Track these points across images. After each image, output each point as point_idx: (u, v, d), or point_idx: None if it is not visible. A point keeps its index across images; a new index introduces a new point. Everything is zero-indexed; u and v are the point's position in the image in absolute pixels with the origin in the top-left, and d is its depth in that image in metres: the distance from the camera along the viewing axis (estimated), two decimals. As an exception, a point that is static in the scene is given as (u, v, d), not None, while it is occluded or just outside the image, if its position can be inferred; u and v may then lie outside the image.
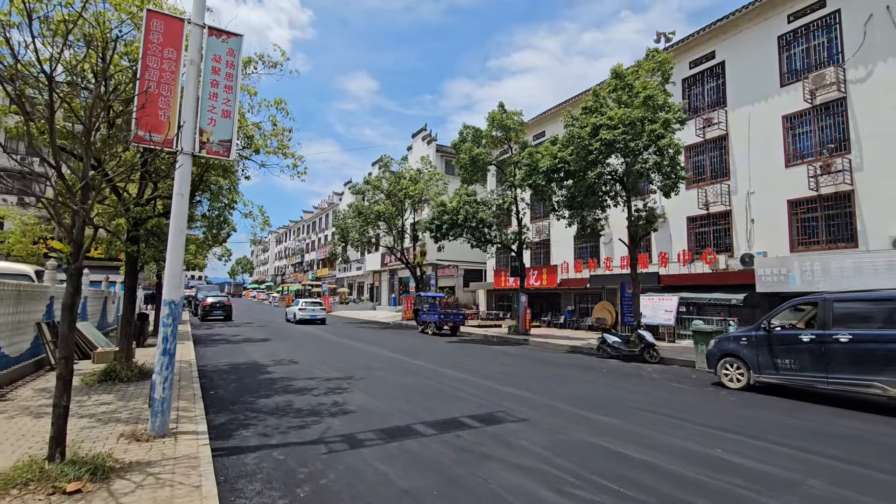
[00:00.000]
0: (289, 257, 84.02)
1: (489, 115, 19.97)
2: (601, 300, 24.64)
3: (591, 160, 13.47)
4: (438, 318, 20.80)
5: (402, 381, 9.39)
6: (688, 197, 19.51)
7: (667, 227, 21.06)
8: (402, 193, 26.35)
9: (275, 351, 14.30)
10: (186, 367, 10.10)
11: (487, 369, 11.20)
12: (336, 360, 12.55)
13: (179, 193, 5.29)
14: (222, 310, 28.50)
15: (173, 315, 5.24)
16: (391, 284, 46.17)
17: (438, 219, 18.09)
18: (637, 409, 7.30)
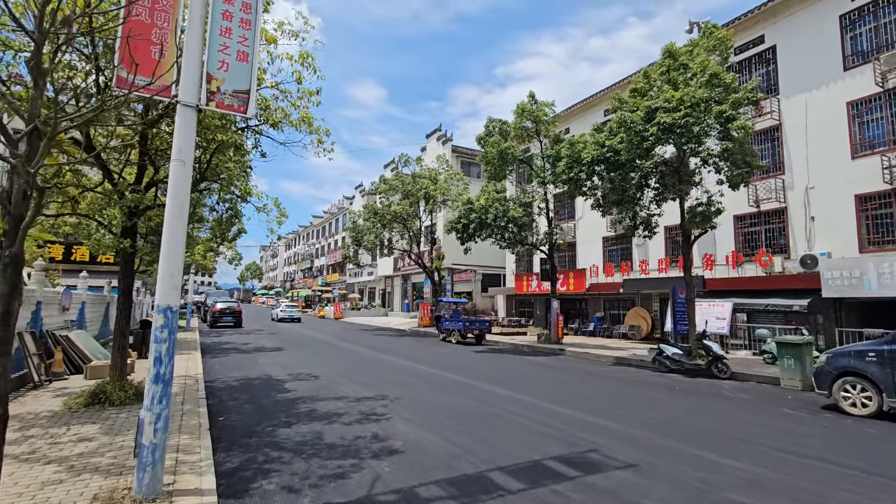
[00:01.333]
0: (298, 263, 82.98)
1: (518, 107, 18.52)
2: (634, 306, 22.98)
3: (645, 148, 11.95)
4: (463, 326, 19.28)
5: (445, 403, 7.88)
6: (735, 194, 17.88)
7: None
8: (421, 193, 24.94)
9: (290, 362, 12.87)
10: (192, 385, 8.67)
11: (538, 387, 9.66)
12: (360, 373, 11.08)
13: (179, 160, 3.87)
14: (232, 316, 27.19)
15: (169, 326, 3.80)
16: (404, 290, 44.72)
17: (465, 218, 16.61)
18: (769, 448, 5.68)
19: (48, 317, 9.72)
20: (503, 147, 17.51)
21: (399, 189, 26.15)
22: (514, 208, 16.55)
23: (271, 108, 6.99)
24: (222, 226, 9.65)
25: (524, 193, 18.78)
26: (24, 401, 6.98)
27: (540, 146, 19.19)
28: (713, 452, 5.41)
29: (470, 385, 9.62)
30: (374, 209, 25.46)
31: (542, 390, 9.19)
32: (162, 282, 3.81)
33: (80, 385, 8.16)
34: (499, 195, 16.66)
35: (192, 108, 3.94)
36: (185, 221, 3.94)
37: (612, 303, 24.60)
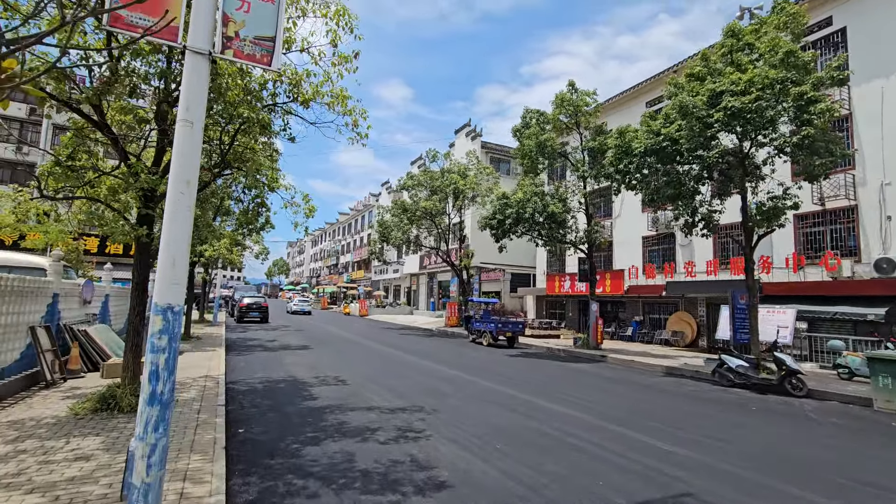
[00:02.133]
0: (324, 259, 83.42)
1: (557, 97, 17.39)
2: (677, 310, 21.52)
3: (709, 136, 10.72)
4: (495, 327, 18.30)
5: (490, 419, 6.94)
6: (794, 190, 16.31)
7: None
8: (450, 188, 24.02)
9: (316, 363, 12.16)
10: (212, 388, 7.99)
11: (591, 401, 8.62)
12: (390, 378, 10.25)
13: (186, 121, 3.06)
14: (259, 311, 26.93)
15: (170, 332, 2.99)
16: (430, 288, 43.96)
17: (500, 213, 15.60)
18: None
19: (67, 310, 9.23)
20: (542, 139, 16.42)
21: (427, 185, 25.30)
22: (553, 203, 15.45)
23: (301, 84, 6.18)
24: (248, 215, 8.96)
25: (557, 190, 17.63)
26: (32, 402, 6.39)
27: (580, 138, 18.01)
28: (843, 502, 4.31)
29: (513, 397, 8.65)
30: (403, 205, 24.69)
31: (598, 406, 8.15)
32: (162, 274, 2.99)
33: (95, 385, 7.58)
34: (537, 189, 15.57)
35: (203, 56, 3.11)
36: (193, 198, 3.11)
37: (651, 306, 23.17)
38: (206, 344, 14.50)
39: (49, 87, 5.81)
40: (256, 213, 9.17)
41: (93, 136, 6.92)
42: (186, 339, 15.37)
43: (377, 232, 27.51)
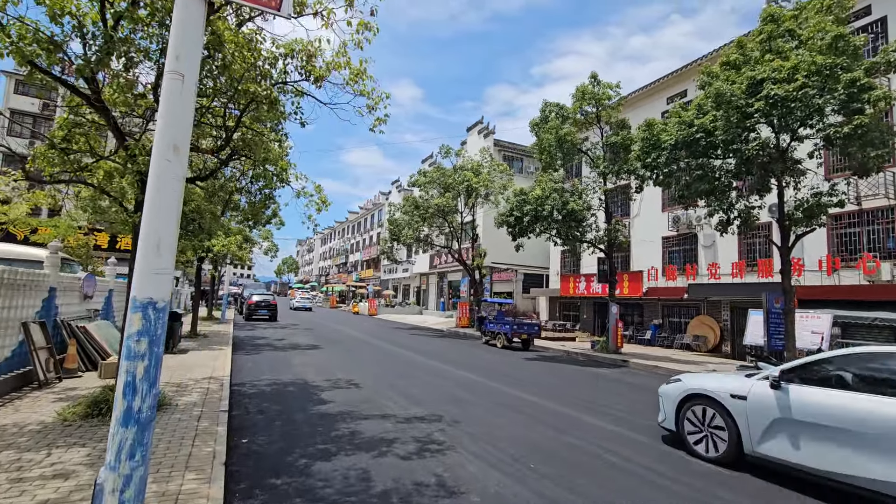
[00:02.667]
0: (333, 258, 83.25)
1: (578, 90, 16.70)
2: (699, 314, 20.69)
3: (748, 126, 9.99)
4: (510, 329, 17.64)
5: (520, 433, 6.30)
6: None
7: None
8: (463, 186, 23.40)
9: (327, 364, 11.61)
10: (216, 390, 7.45)
11: (625, 412, 7.95)
12: (404, 381, 9.65)
13: (175, 73, 2.47)
14: (267, 309, 26.51)
15: (150, 334, 2.40)
16: (440, 288, 43.37)
17: (518, 210, 14.94)
18: None
19: (66, 305, 8.76)
20: (562, 133, 15.73)
21: (439, 182, 24.69)
22: (573, 201, 14.76)
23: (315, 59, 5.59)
24: (255, 206, 8.42)
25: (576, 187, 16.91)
26: (20, 405, 5.89)
27: (600, 133, 17.30)
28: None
29: (539, 405, 8.01)
30: (415, 202, 24.11)
31: (630, 417, 7.48)
32: (143, 261, 2.41)
33: (91, 385, 7.08)
34: (556, 185, 14.89)
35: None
36: (184, 168, 2.53)
37: (671, 309, 22.35)
38: (213, 342, 14.03)
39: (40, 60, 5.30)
40: (264, 205, 8.63)
41: (90, 116, 6.42)
42: (193, 336, 14.92)
43: (388, 230, 26.98)
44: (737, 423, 5.12)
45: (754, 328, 15.66)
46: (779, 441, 4.72)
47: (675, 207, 21.99)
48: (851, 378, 4.54)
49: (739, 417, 5.10)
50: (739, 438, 5.08)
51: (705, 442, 5.43)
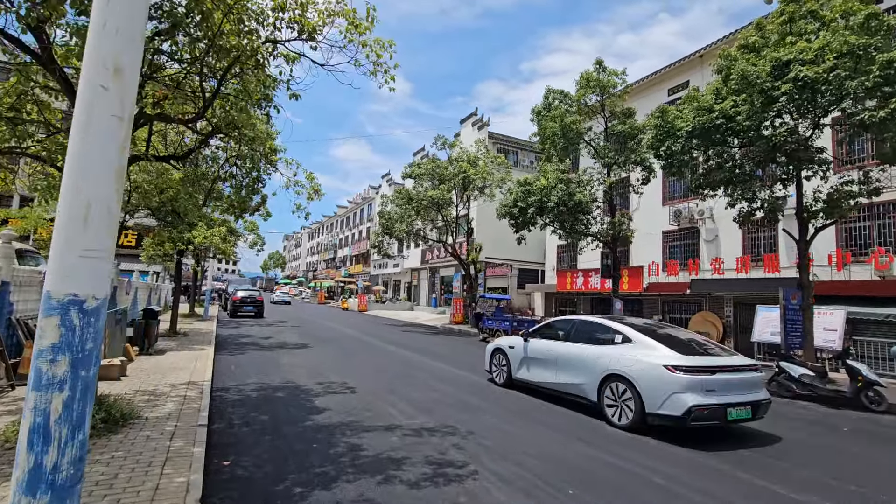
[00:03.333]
0: (321, 253, 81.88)
1: (582, 77, 15.98)
2: (700, 310, 20.21)
3: (775, 111, 9.33)
4: (510, 326, 16.94)
5: (547, 448, 5.55)
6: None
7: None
8: (459, 177, 22.57)
9: (318, 364, 10.75)
10: (195, 398, 6.57)
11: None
12: (405, 384, 8.85)
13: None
14: (253, 305, 25.45)
15: (73, 350, 1.54)
16: (431, 283, 42.58)
17: (522, 201, 14.18)
18: None
19: (24, 301, 7.76)
20: (567, 121, 14.99)
21: (434, 173, 23.84)
22: (579, 192, 14.05)
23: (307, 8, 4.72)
24: (241, 192, 7.51)
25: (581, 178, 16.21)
26: (-44, 421, 4.95)
27: (604, 123, 16.61)
28: None
29: (557, 412, 7.27)
30: (408, 194, 23.22)
31: (658, 424, 6.79)
32: (62, 237, 1.56)
33: (49, 395, 6.14)
34: (562, 176, 14.16)
35: None
36: (129, 105, 1.68)
37: (672, 305, 21.85)
38: (194, 341, 13.05)
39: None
40: (251, 191, 7.72)
41: (44, 82, 5.45)
42: (172, 335, 13.91)
43: (379, 224, 26.06)
44: (510, 362, 8.83)
45: (762, 325, 15.16)
46: (524, 370, 8.46)
47: (677, 201, 21.47)
48: (550, 333, 8.30)
49: (511, 359, 8.82)
50: (510, 371, 8.80)
51: (499, 376, 9.15)
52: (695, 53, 21.01)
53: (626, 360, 6.53)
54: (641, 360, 6.36)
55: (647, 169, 15.15)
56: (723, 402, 5.90)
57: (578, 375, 7.16)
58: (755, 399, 6.18)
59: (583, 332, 7.61)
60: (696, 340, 7.16)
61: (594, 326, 7.55)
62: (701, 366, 6.09)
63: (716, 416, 5.84)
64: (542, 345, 8.10)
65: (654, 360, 6.23)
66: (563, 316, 8.42)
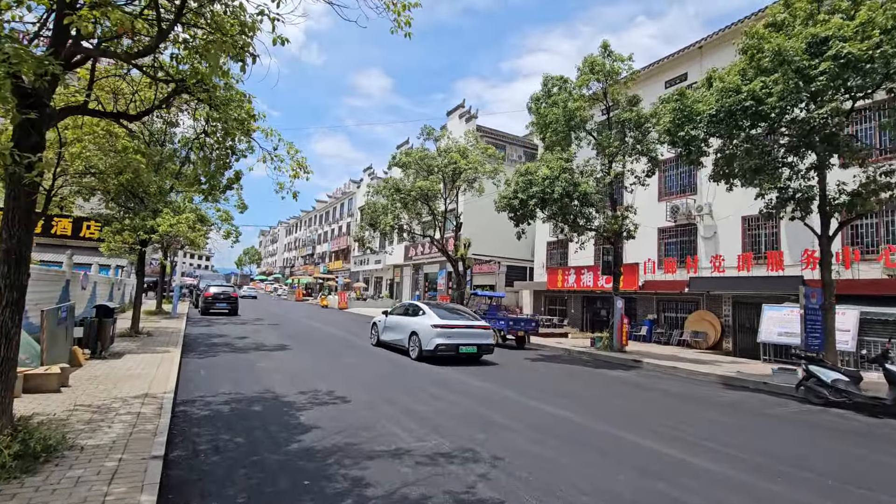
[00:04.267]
0: (299, 249, 79.58)
1: (586, 61, 15.04)
2: (697, 308, 19.65)
3: (812, 91, 8.52)
4: (506, 326, 15.93)
5: (596, 480, 4.50)
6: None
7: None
8: (450, 168, 21.44)
9: (300, 369, 9.50)
10: (151, 415, 5.29)
11: (693, 434, 6.32)
12: (404, 393, 7.70)
13: None
14: (227, 302, 23.79)
15: None
16: (415, 280, 41.35)
17: (523, 192, 13.16)
18: None
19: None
20: (571, 107, 14.03)
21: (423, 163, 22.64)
22: (584, 182, 13.11)
23: None
24: (210, 165, 6.22)
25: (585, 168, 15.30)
26: None
27: (607, 112, 15.72)
28: None
29: (590, 429, 6.25)
30: (396, 185, 21.94)
31: (712, 444, 5.84)
32: None
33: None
34: (566, 165, 13.19)
35: None
36: None
37: (667, 304, 21.25)
38: (158, 342, 11.59)
39: None
40: (223, 165, 6.42)
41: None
42: (133, 335, 12.40)
43: (365, 216, 24.71)
44: (378, 330, 13.60)
45: (769, 325, 14.57)
46: (385, 334, 13.13)
47: (674, 196, 20.87)
48: (397, 312, 13.16)
49: (379, 329, 13.57)
50: (378, 336, 13.52)
51: (374, 340, 13.94)
52: (694, 45, 20.42)
53: (418, 324, 11.70)
54: (424, 322, 11.55)
55: (652, 160, 14.31)
56: (456, 343, 11.24)
57: (402, 334, 12.37)
58: (479, 342, 11.64)
59: (409, 310, 12.75)
60: (457, 310, 12.84)
61: (414, 307, 12.64)
62: (447, 324, 11.34)
63: (452, 349, 11.15)
64: (392, 319, 13.24)
65: (428, 322, 11.43)
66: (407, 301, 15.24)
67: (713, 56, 19.39)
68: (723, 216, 18.59)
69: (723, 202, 18.64)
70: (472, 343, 11.39)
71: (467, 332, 11.42)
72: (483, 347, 11.62)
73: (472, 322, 11.85)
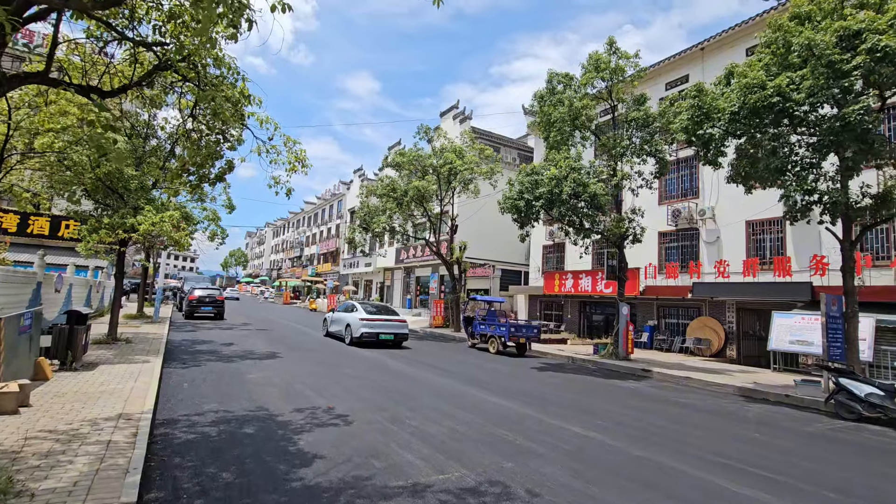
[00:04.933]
0: (286, 251, 78.13)
1: (590, 59, 14.53)
2: (700, 315, 19.22)
3: (844, 87, 8.04)
4: (507, 332, 15.27)
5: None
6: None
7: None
8: (446, 169, 20.78)
9: (294, 380, 8.70)
10: (125, 441, 4.50)
11: (749, 462, 5.71)
12: (410, 410, 6.97)
13: None
14: (212, 306, 22.73)
15: None
16: (406, 284, 40.54)
17: (530, 192, 12.53)
18: None
19: None
20: (578, 105, 13.47)
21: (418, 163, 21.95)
22: (592, 183, 12.53)
23: None
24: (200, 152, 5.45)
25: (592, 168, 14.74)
26: None
27: (612, 111, 15.22)
28: None
29: (632, 456, 5.59)
30: (392, 185, 21.18)
31: (774, 475, 5.23)
32: None
33: None
34: (575, 164, 12.59)
35: None
36: None
37: (668, 310, 20.82)
38: (138, 350, 10.68)
39: None
40: (213, 153, 5.66)
41: None
42: (110, 342, 11.46)
43: (357, 217, 23.92)
44: (327, 324, 17.33)
45: (780, 333, 14.12)
46: (331, 326, 16.82)
47: (675, 200, 20.47)
48: (341, 309, 16.94)
49: (328, 322, 17.41)
50: (328, 329, 17.14)
51: (325, 331, 17.48)
52: (696, 46, 20.08)
53: (351, 318, 15.09)
54: (355, 316, 14.93)
55: (661, 161, 13.81)
56: (377, 332, 14.52)
57: (340, 326, 15.84)
58: (396, 332, 14.94)
59: (348, 308, 16.07)
60: (384, 308, 16.31)
61: (352, 305, 16.05)
62: (371, 318, 14.74)
63: (373, 337, 14.45)
64: (336, 315, 16.84)
65: (358, 316, 14.86)
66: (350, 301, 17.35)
67: (715, 58, 19.08)
68: (726, 220, 18.23)
69: (726, 206, 18.30)
70: (390, 332, 14.88)
71: (386, 324, 14.91)
72: (399, 336, 15.15)
73: (392, 317, 15.60)
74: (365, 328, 14.36)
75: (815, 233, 15.80)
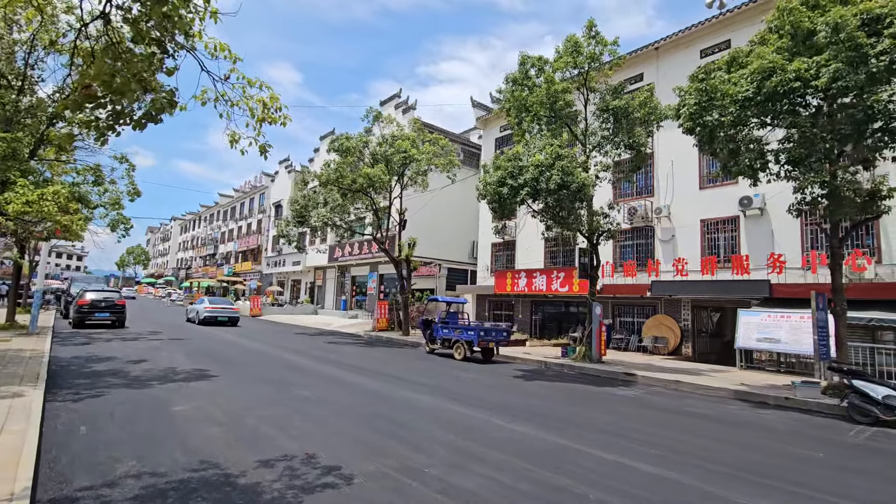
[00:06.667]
0: (197, 248, 70.60)
1: (568, 41, 13.58)
2: (655, 313, 19.24)
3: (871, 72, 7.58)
4: (476, 336, 13.84)
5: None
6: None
7: (765, 220, 16.16)
8: (399, 157, 18.92)
9: (243, 413, 6.49)
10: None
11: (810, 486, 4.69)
12: (418, 453, 5.22)
13: None
14: (110, 311, 18.69)
15: None
16: (340, 284, 37.75)
17: (513, 180, 11.18)
18: None
19: None
20: (556, 87, 12.39)
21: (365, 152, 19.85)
22: (577, 172, 11.48)
23: None
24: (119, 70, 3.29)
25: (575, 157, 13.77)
26: None
27: (585, 100, 14.40)
28: None
29: (692, 488, 4.32)
30: (340, 170, 18.81)
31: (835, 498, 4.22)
32: None
33: None
34: (563, 152, 11.45)
35: None
36: None
37: (622, 308, 20.70)
38: (4, 376, 7.71)
39: None
40: (140, 78, 3.52)
41: None
42: (-39, 366, 8.26)
43: (292, 209, 21.20)
44: (188, 313, 24.64)
45: (746, 331, 14.16)
46: (189, 314, 24.49)
47: (630, 199, 20.38)
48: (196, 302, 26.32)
49: (190, 313, 24.30)
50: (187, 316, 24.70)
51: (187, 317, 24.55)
52: (650, 46, 20.11)
53: (200, 306, 23.10)
54: (202, 306, 22.88)
55: (639, 153, 13.18)
56: (215, 315, 22.50)
57: (193, 313, 23.32)
58: (229, 315, 23.02)
59: (201, 301, 23.80)
60: (222, 301, 26.01)
61: (201, 299, 23.95)
62: (212, 307, 22.99)
63: (213, 320, 22.39)
64: (193, 306, 24.03)
65: (202, 305, 23.12)
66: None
67: (670, 58, 19.21)
68: (681, 219, 18.36)
69: (681, 205, 18.42)
70: (225, 315, 22.72)
71: (222, 311, 22.86)
72: (232, 319, 23.06)
73: (227, 305, 24.20)
74: (207, 313, 22.36)
75: (769, 231, 16.28)
